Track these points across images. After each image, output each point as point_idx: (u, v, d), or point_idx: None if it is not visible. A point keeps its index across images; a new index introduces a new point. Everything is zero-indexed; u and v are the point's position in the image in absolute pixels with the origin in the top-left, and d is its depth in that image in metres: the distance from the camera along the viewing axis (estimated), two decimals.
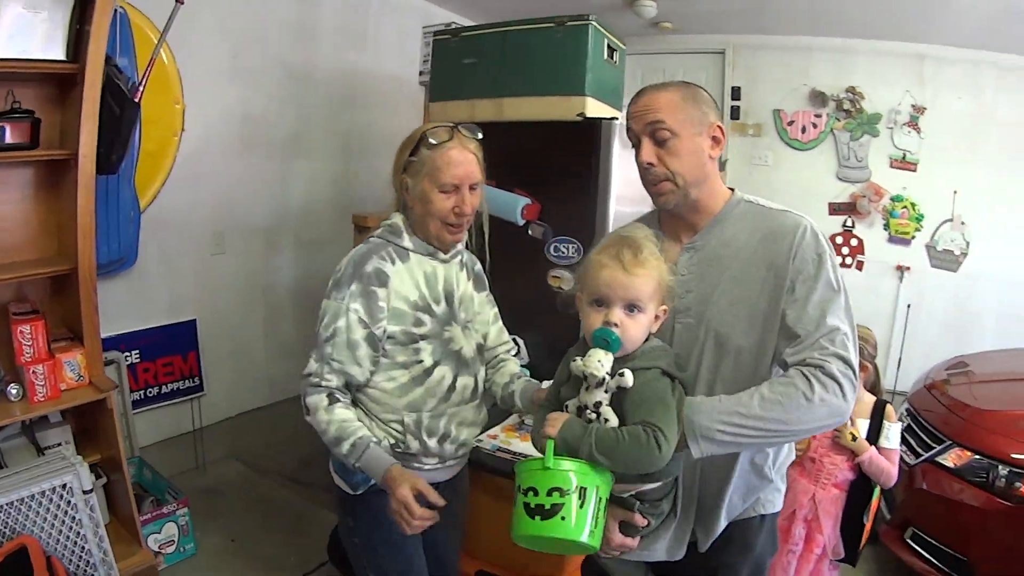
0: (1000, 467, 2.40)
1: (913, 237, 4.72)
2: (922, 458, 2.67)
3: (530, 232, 2.57)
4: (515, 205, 2.53)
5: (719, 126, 1.30)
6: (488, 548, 2.16)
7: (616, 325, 1.14)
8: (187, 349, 3.19)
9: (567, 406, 1.20)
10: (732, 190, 1.36)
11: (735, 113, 5.00)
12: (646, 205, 1.38)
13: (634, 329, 1.15)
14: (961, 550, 2.45)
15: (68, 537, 2.12)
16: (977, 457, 2.48)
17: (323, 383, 1.43)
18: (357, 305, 1.44)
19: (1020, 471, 2.36)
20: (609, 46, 2.62)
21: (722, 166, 1.12)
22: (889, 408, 2.19)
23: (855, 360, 1.17)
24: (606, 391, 1.14)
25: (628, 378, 1.11)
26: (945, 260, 4.70)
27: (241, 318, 3.48)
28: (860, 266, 4.83)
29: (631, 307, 1.16)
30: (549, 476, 1.09)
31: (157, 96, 2.75)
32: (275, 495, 3.18)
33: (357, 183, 4.03)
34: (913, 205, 4.69)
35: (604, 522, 1.13)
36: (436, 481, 1.57)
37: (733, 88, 5.03)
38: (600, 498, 1.10)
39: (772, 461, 1.36)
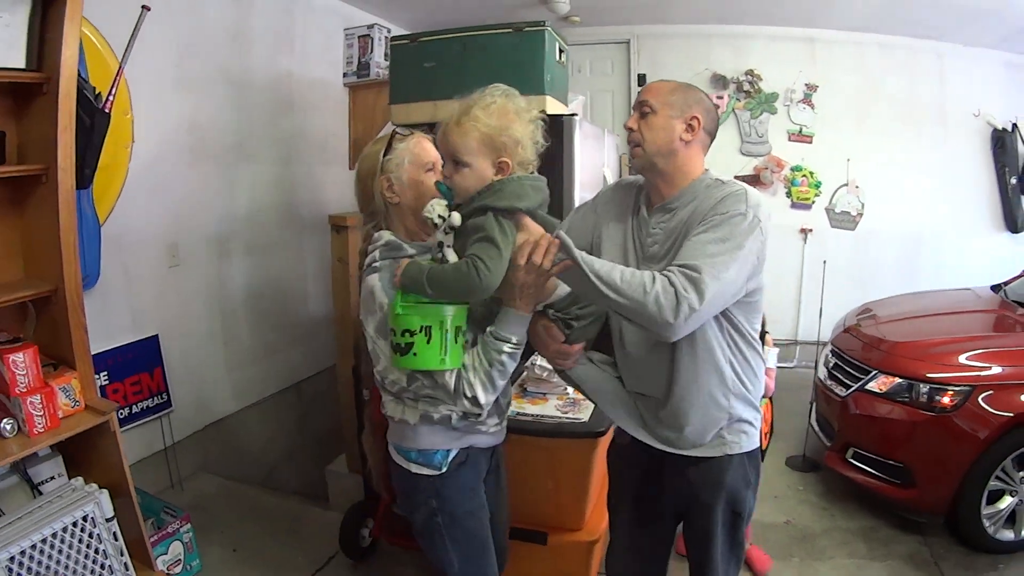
0: (921, 386, 2.87)
1: (813, 202, 5.29)
2: (853, 388, 3.13)
3: None
4: None
5: (697, 117, 1.50)
6: (513, 505, 2.17)
7: (448, 177, 1.39)
8: (153, 366, 3.10)
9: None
10: (707, 170, 1.57)
11: None
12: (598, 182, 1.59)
13: (460, 180, 1.38)
14: (897, 458, 2.90)
15: (94, 571, 2.06)
16: (900, 380, 2.94)
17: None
18: None
19: (938, 386, 2.83)
20: (559, 48, 2.81)
21: None
22: (768, 336, 2.51)
23: (702, 297, 1.30)
24: (445, 232, 1.38)
25: (455, 218, 1.37)
26: (843, 221, 5.30)
27: (200, 329, 3.41)
28: None
29: (456, 162, 1.38)
30: (400, 320, 1.34)
31: None
32: (260, 501, 3.18)
33: (297, 185, 4.03)
34: (811, 173, 5.25)
35: (458, 345, 1.37)
36: (494, 445, 1.70)
37: (639, 75, 5.36)
38: (446, 329, 1.33)
39: (729, 395, 1.54)
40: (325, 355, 4.11)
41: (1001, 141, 5.08)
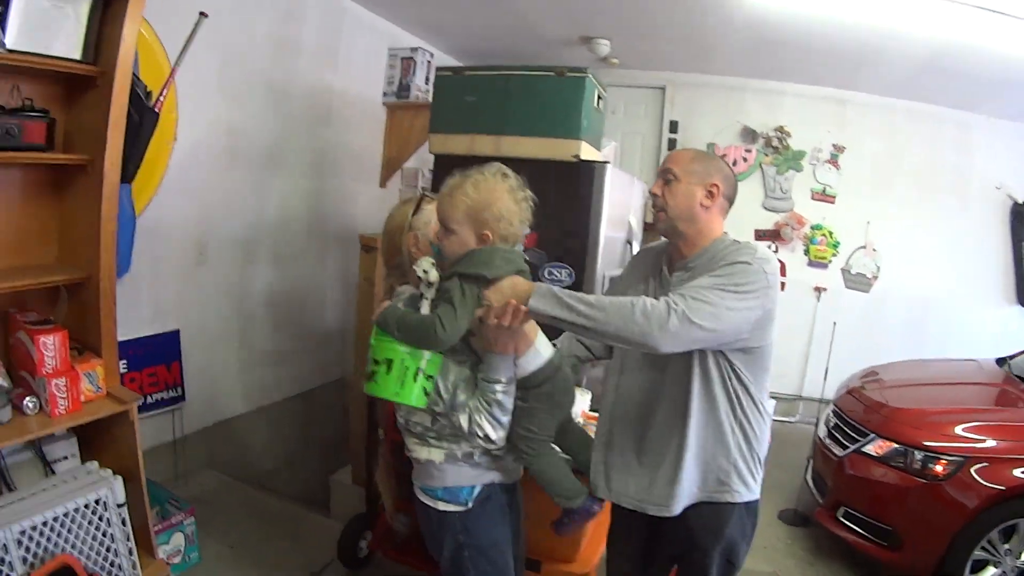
0: (916, 453, 2.94)
1: (830, 262, 5.36)
2: (850, 449, 3.19)
3: (527, 259, 2.81)
4: None
5: (716, 184, 1.63)
6: None
7: (439, 240, 1.55)
8: (171, 359, 3.17)
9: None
10: (726, 233, 1.69)
11: (672, 145, 5.43)
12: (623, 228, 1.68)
13: (447, 244, 1.54)
14: (887, 521, 2.96)
15: (100, 553, 2.10)
16: (896, 446, 3.01)
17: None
18: None
19: (932, 455, 2.90)
20: (599, 95, 2.86)
21: None
22: None
23: (693, 315, 1.41)
24: (427, 286, 1.53)
25: (433, 275, 1.52)
26: (858, 282, 5.36)
27: (219, 328, 3.48)
28: (782, 287, 5.30)
29: (446, 228, 1.53)
30: (373, 350, 1.53)
31: None
32: (262, 502, 3.23)
33: (327, 198, 4.12)
34: (831, 233, 5.32)
35: (416, 384, 1.51)
36: (515, 480, 1.79)
37: (672, 122, 5.49)
38: (407, 367, 1.50)
39: (740, 447, 1.62)
40: (336, 367, 4.20)
41: (1020, 215, 5.13)
